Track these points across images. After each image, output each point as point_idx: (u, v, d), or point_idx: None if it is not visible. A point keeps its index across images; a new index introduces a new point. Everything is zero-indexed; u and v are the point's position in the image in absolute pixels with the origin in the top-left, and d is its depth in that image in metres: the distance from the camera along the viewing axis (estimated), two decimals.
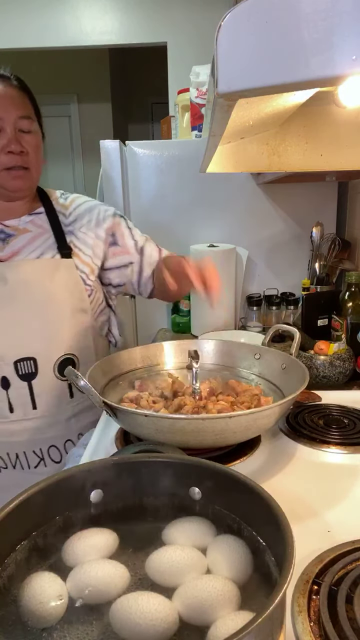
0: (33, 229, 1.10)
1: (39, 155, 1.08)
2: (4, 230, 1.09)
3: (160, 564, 0.47)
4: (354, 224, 1.82)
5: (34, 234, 1.09)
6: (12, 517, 0.46)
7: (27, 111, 1.04)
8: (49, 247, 1.09)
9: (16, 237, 1.08)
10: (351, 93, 0.69)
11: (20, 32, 3.18)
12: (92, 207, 1.18)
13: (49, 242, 1.09)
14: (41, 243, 1.09)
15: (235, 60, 0.36)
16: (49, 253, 1.08)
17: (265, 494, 0.46)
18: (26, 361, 1.05)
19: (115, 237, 1.17)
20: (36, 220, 1.11)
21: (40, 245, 1.09)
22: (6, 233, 1.08)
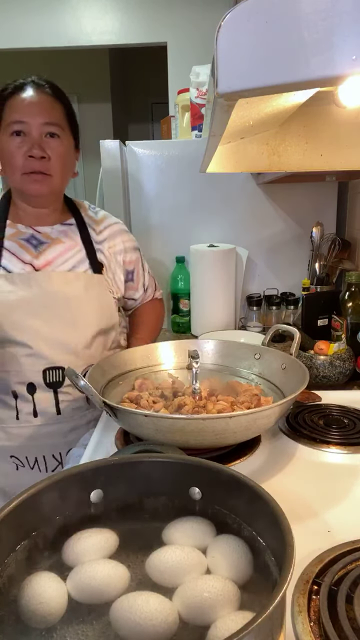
0: (66, 240, 1.11)
1: (65, 163, 1.06)
2: (35, 236, 1.09)
3: (160, 564, 0.47)
4: (354, 224, 1.82)
5: (66, 245, 1.10)
6: (12, 517, 0.46)
7: (56, 118, 1.03)
8: (81, 261, 1.10)
9: (50, 246, 1.09)
10: (351, 93, 0.69)
11: (20, 32, 3.18)
12: (121, 231, 1.21)
13: (80, 256, 1.11)
14: (73, 255, 1.10)
15: (235, 60, 0.36)
16: (81, 267, 1.10)
17: (265, 494, 0.46)
18: (55, 370, 1.06)
19: (133, 274, 1.24)
20: (68, 232, 1.12)
21: (72, 257, 1.10)
22: (38, 239, 1.09)
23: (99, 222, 1.19)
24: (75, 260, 1.10)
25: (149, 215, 1.89)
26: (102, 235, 1.17)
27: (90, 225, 1.16)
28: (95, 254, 1.12)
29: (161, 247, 1.91)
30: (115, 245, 1.18)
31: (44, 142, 1.02)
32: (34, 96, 1.01)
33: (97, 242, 1.15)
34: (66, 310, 1.05)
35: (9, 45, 3.19)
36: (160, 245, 1.91)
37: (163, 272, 1.93)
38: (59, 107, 1.05)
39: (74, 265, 1.09)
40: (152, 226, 1.90)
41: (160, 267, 1.93)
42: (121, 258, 1.19)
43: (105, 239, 1.17)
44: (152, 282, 1.33)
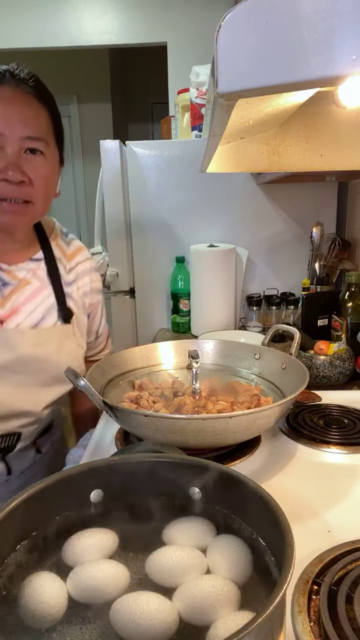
0: (34, 281, 0.94)
1: (49, 186, 0.86)
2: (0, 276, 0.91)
3: (160, 564, 0.47)
4: (354, 224, 1.82)
5: (34, 287, 0.93)
6: (12, 517, 0.46)
7: (40, 130, 0.82)
8: (50, 309, 0.94)
9: (16, 289, 0.91)
10: (351, 93, 0.69)
11: (20, 32, 3.18)
12: (90, 270, 1.05)
13: (49, 302, 0.95)
14: (41, 301, 0.94)
15: (235, 60, 0.36)
16: (50, 317, 0.94)
17: (265, 494, 0.46)
18: (10, 436, 0.93)
19: (88, 317, 1.07)
20: (37, 271, 0.95)
21: (40, 304, 0.93)
22: (2, 280, 0.90)
23: (70, 257, 1.02)
24: (45, 307, 0.93)
25: (149, 215, 1.89)
26: (72, 274, 1.01)
27: (61, 260, 0.99)
28: (64, 298, 0.97)
29: (161, 247, 1.91)
30: (83, 286, 1.03)
31: (24, 161, 0.81)
32: (11, 98, 0.79)
33: (67, 283, 0.99)
34: (34, 374, 0.90)
35: (9, 45, 3.19)
36: (160, 245, 1.91)
37: (163, 272, 1.94)
38: (45, 114, 0.84)
39: (43, 315, 0.93)
40: (152, 226, 1.90)
41: (160, 267, 1.93)
42: (87, 300, 1.04)
43: (75, 279, 1.01)
44: (105, 333, 1.16)
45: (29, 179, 0.82)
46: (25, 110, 0.80)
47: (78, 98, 4.43)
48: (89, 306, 1.05)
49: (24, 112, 0.80)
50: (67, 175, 4.44)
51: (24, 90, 0.81)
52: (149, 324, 2.01)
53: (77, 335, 0.99)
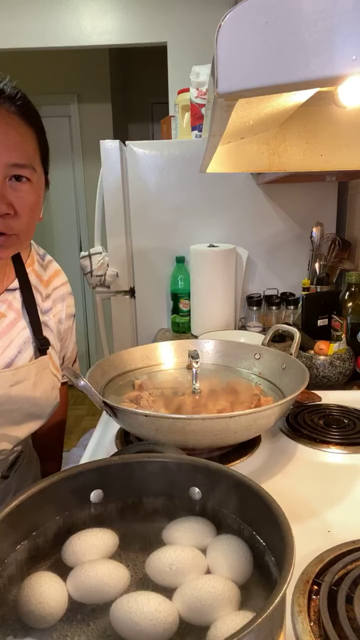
0: (9, 314, 0.88)
1: (34, 215, 0.79)
2: None
3: (160, 564, 0.47)
4: (354, 224, 1.82)
5: (9, 320, 0.87)
6: (12, 517, 0.46)
7: (27, 157, 0.75)
8: (25, 343, 0.89)
9: None
10: (351, 93, 0.69)
11: (20, 32, 3.17)
12: (66, 296, 1.00)
13: (25, 335, 0.89)
14: (17, 334, 0.88)
15: (235, 60, 0.36)
16: (25, 352, 0.88)
17: (265, 494, 0.46)
18: None
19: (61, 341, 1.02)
20: (12, 302, 0.89)
21: (16, 337, 0.88)
22: None
23: (47, 283, 0.96)
24: (20, 341, 0.88)
25: (149, 215, 1.89)
26: (48, 302, 0.95)
27: (37, 287, 0.93)
28: (41, 328, 0.91)
29: (161, 247, 1.91)
30: (59, 313, 0.98)
31: (9, 191, 0.73)
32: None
33: (43, 311, 0.94)
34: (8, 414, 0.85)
35: (9, 45, 3.19)
36: (160, 245, 1.91)
37: (163, 272, 1.94)
38: (31, 136, 0.76)
39: (19, 349, 0.87)
40: (152, 226, 1.90)
41: (160, 267, 1.93)
42: (61, 327, 0.99)
43: (51, 307, 0.96)
44: (72, 357, 1.09)
45: (14, 211, 0.75)
46: (10, 135, 0.72)
47: (78, 98, 4.43)
48: (65, 331, 1.01)
49: (10, 136, 0.72)
50: (67, 176, 4.44)
51: (8, 110, 0.72)
52: (149, 324, 2.01)
53: (54, 366, 0.94)
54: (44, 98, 3.89)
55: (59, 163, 4.37)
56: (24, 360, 0.88)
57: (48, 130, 0.87)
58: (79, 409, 3.58)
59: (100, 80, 4.45)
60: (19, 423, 0.87)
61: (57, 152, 4.46)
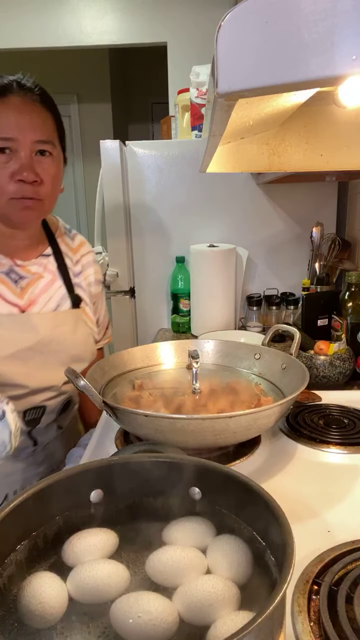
0: (46, 275, 1.04)
1: (57, 184, 0.96)
2: (15, 270, 0.99)
3: (160, 564, 0.47)
4: (354, 224, 1.82)
5: (46, 280, 1.03)
6: (12, 517, 0.46)
7: (48, 134, 0.91)
8: (62, 298, 1.04)
9: (31, 282, 1.01)
10: (351, 93, 0.69)
11: (20, 32, 3.18)
12: (93, 262, 1.16)
13: (61, 292, 1.05)
14: (54, 292, 1.04)
15: (235, 60, 0.36)
16: (63, 305, 1.04)
17: (265, 494, 0.46)
18: (36, 409, 1.01)
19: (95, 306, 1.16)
20: (47, 265, 1.05)
21: (54, 294, 1.03)
22: (18, 274, 0.99)
23: (75, 251, 1.12)
24: (58, 297, 1.03)
25: (149, 215, 1.89)
26: (78, 266, 1.11)
27: (67, 254, 1.09)
28: (73, 288, 1.07)
29: (161, 247, 1.91)
30: (89, 276, 1.13)
31: (35, 162, 0.89)
32: (21, 106, 0.88)
33: (75, 274, 1.09)
34: (58, 353, 0.99)
35: (9, 45, 3.19)
36: (160, 245, 1.92)
37: (163, 272, 1.94)
38: (50, 119, 0.93)
39: (57, 303, 1.03)
40: (152, 226, 1.90)
41: (160, 267, 1.93)
42: (92, 290, 1.14)
43: (81, 270, 1.11)
44: (104, 323, 1.24)
45: (40, 179, 0.90)
46: (34, 117, 0.89)
47: (78, 98, 4.43)
48: (96, 295, 1.15)
49: (33, 118, 0.88)
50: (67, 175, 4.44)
51: (30, 98, 0.89)
52: (149, 324, 2.01)
53: (88, 320, 1.09)
54: None
55: None
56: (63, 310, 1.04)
57: None
58: None
59: (100, 80, 4.45)
60: (66, 363, 0.97)
61: None
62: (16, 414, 0.76)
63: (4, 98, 0.87)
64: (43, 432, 1.05)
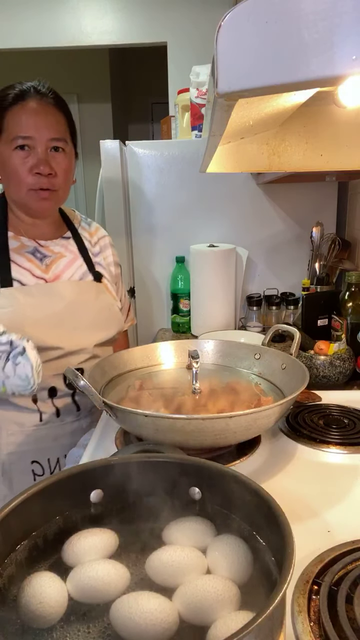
0: (67, 254, 1.13)
1: (69, 177, 1.07)
2: (39, 250, 1.10)
3: (160, 564, 0.47)
4: (354, 224, 1.82)
5: (68, 259, 1.13)
6: (12, 517, 0.46)
7: (61, 133, 1.03)
8: (84, 274, 1.14)
9: (55, 260, 1.11)
10: (351, 93, 0.69)
11: (20, 32, 3.17)
12: (110, 244, 1.26)
13: (83, 268, 1.14)
14: (77, 269, 1.13)
15: (235, 60, 0.36)
16: (87, 278, 1.14)
17: (265, 494, 0.46)
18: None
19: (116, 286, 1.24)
20: (68, 246, 1.15)
21: (76, 270, 1.13)
22: (42, 253, 1.10)
23: (92, 234, 1.22)
24: (81, 272, 1.14)
25: (149, 215, 1.89)
26: (96, 247, 1.21)
27: (85, 237, 1.20)
28: (93, 265, 1.16)
29: (161, 247, 1.91)
30: (107, 257, 1.23)
31: (50, 158, 1.01)
32: (38, 109, 1.00)
33: (94, 254, 1.19)
34: (85, 317, 1.09)
35: (9, 45, 3.19)
36: (160, 245, 1.91)
37: (163, 272, 1.94)
38: (63, 119, 1.04)
39: (80, 276, 1.13)
40: (152, 226, 1.90)
41: (160, 267, 1.93)
42: (113, 270, 1.23)
43: (100, 251, 1.21)
44: (127, 305, 1.34)
45: (54, 172, 1.01)
46: (49, 118, 1.00)
47: (78, 98, 4.43)
48: (115, 276, 1.24)
49: (48, 119, 1.00)
50: None
51: (46, 102, 1.01)
52: (149, 324, 2.01)
53: (109, 295, 1.17)
54: None
55: None
56: None
57: None
58: None
59: (100, 80, 4.45)
60: (91, 329, 1.10)
61: None
62: (36, 351, 0.84)
63: (23, 102, 0.99)
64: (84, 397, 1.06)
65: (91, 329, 1.11)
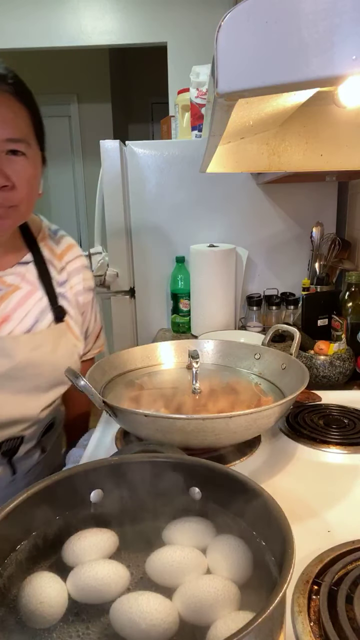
0: (24, 286, 0.91)
1: (34, 187, 0.83)
2: None
3: (160, 564, 0.47)
4: (354, 224, 1.82)
5: (24, 292, 0.90)
6: (12, 517, 0.46)
7: (21, 131, 0.78)
8: (43, 312, 0.92)
9: (5, 295, 0.89)
10: (351, 93, 0.69)
11: (20, 32, 3.18)
12: (82, 268, 1.02)
13: (42, 305, 0.92)
14: (34, 304, 0.91)
15: (235, 60, 0.36)
16: (43, 320, 0.91)
17: (265, 494, 0.46)
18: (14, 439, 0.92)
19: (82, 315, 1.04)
20: (26, 274, 0.92)
21: (32, 308, 0.91)
22: None
23: (60, 257, 0.99)
24: (37, 311, 0.91)
25: (149, 215, 1.89)
26: (63, 274, 0.98)
27: (51, 261, 0.96)
28: (56, 298, 0.94)
29: (161, 247, 1.91)
30: (76, 285, 1.00)
31: (6, 164, 0.77)
32: None
33: (59, 283, 0.96)
34: (32, 379, 0.88)
35: (9, 45, 3.19)
36: (160, 245, 1.92)
37: (163, 272, 1.94)
38: (25, 114, 0.79)
39: (36, 319, 0.90)
40: (152, 226, 1.90)
41: (160, 267, 1.93)
42: (80, 299, 1.01)
43: (67, 279, 0.98)
44: (95, 331, 1.12)
45: (12, 184, 0.79)
46: (5, 111, 0.76)
47: (78, 98, 4.43)
48: (85, 304, 1.03)
49: (4, 113, 0.76)
50: (67, 175, 4.44)
51: (1, 89, 0.76)
52: (149, 324, 2.01)
53: (72, 334, 0.97)
54: (44, 98, 3.88)
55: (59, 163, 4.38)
56: (42, 327, 0.91)
57: (48, 130, 0.90)
58: None
59: (100, 80, 4.45)
60: (45, 389, 0.91)
61: (57, 152, 4.47)
62: None
63: None
64: (23, 460, 0.97)
65: (40, 391, 0.90)
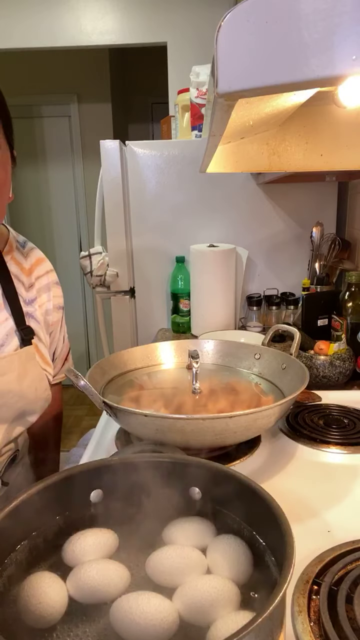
0: None
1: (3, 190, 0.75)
2: None
3: (160, 564, 0.47)
4: (354, 224, 1.82)
5: None
6: (12, 517, 0.46)
7: None
8: (8, 335, 0.83)
9: None
10: (351, 93, 0.69)
11: (20, 32, 3.17)
12: (52, 285, 0.95)
13: (7, 327, 0.84)
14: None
15: (235, 60, 0.36)
16: (9, 344, 0.83)
17: (265, 494, 0.46)
18: None
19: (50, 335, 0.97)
20: None
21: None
22: None
23: (29, 272, 0.91)
24: (2, 333, 0.83)
25: (149, 215, 1.89)
26: (32, 292, 0.90)
27: (19, 277, 0.88)
28: (24, 318, 0.86)
29: (161, 247, 1.91)
30: (45, 303, 0.92)
31: None
32: None
33: (27, 301, 0.88)
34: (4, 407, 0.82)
35: (9, 45, 3.19)
36: (160, 245, 1.91)
37: (163, 272, 1.94)
38: None
39: (1, 342, 0.82)
40: (152, 226, 1.90)
41: (160, 267, 1.93)
42: (49, 319, 0.94)
43: (36, 297, 0.90)
44: (64, 353, 1.04)
45: None
46: None
47: (78, 98, 4.43)
48: (52, 325, 0.96)
49: None
50: (67, 175, 4.44)
51: None
52: (149, 324, 2.01)
53: (41, 358, 0.90)
54: (44, 98, 3.89)
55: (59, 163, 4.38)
56: (7, 352, 0.82)
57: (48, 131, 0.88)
58: (79, 409, 3.58)
59: (100, 80, 4.44)
60: (8, 420, 0.82)
61: (57, 152, 4.48)
62: None
63: None
64: None
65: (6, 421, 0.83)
